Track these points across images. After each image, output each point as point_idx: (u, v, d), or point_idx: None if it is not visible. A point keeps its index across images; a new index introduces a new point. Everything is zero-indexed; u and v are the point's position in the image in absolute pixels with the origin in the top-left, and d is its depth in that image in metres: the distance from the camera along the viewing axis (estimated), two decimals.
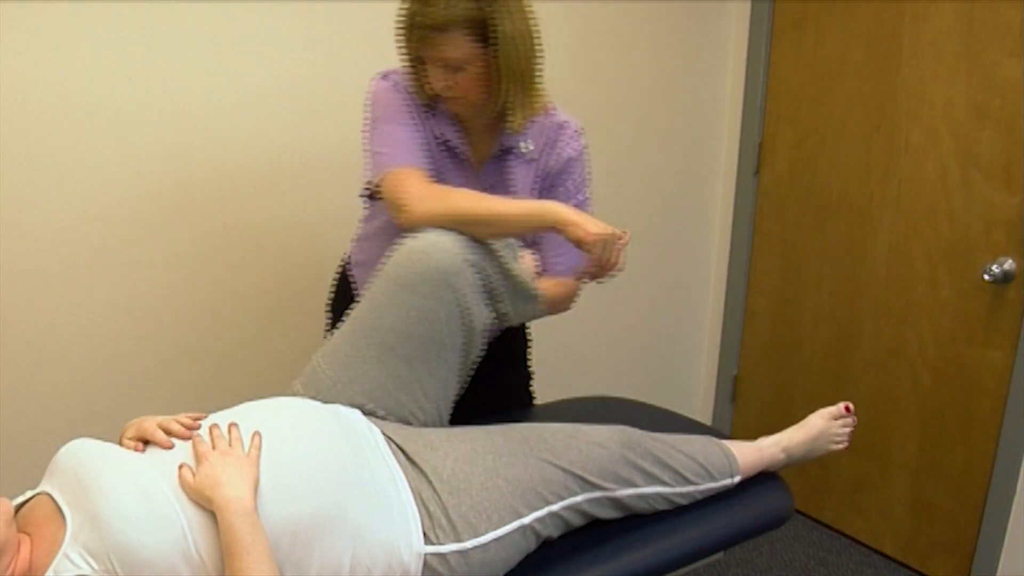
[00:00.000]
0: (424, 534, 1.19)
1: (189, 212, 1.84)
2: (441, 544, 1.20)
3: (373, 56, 1.99)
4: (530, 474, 1.29)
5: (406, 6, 1.33)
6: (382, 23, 2.03)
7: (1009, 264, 2.04)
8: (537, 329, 2.45)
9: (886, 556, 2.46)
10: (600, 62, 2.36)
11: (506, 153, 1.50)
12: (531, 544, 1.29)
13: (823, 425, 1.60)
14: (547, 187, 1.55)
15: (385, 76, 1.48)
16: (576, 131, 1.56)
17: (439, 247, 1.30)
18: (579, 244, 1.29)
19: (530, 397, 1.89)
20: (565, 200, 1.50)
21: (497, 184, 1.52)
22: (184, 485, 1.10)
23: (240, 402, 1.29)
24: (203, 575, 1.06)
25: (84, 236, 1.74)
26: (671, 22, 2.46)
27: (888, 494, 2.42)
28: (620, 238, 1.30)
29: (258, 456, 1.14)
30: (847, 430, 1.61)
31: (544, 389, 2.34)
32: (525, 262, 1.48)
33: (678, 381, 2.89)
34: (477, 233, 1.34)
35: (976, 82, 2.06)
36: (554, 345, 2.53)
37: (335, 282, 1.73)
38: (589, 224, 1.28)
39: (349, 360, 1.35)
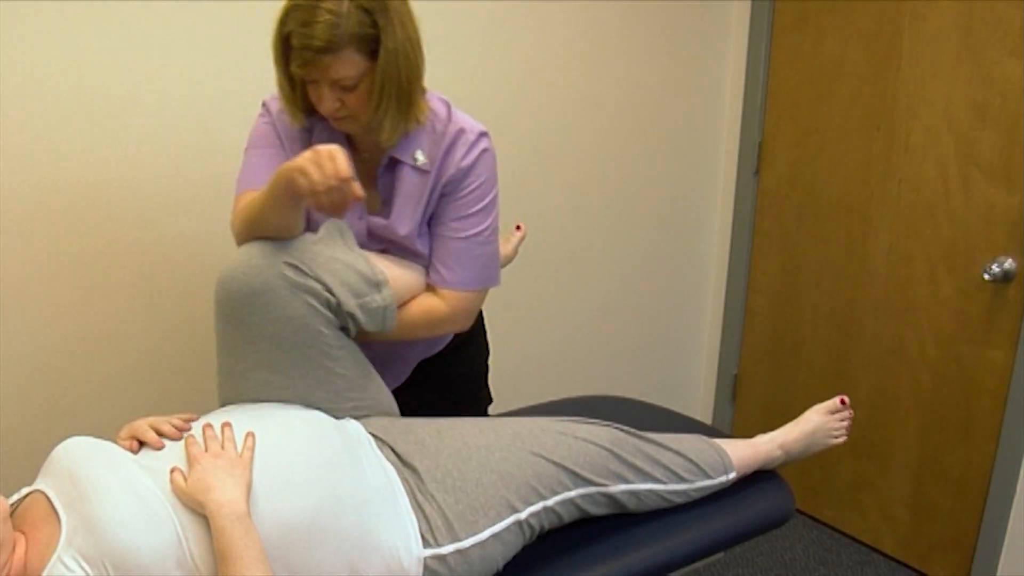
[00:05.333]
0: (423, 537, 1.19)
1: (188, 214, 1.85)
2: (440, 546, 1.19)
3: None
4: (523, 469, 1.30)
5: (279, 28, 1.22)
6: None
7: (1009, 263, 2.05)
8: (537, 328, 2.46)
9: (886, 556, 2.46)
10: (599, 62, 2.36)
11: (396, 164, 1.40)
12: (527, 538, 1.29)
13: (819, 420, 1.59)
14: (442, 195, 1.41)
15: (264, 106, 1.42)
16: (475, 138, 1.40)
17: (245, 270, 1.25)
18: (309, 195, 1.17)
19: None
20: (456, 213, 1.40)
21: (389, 197, 1.42)
22: (176, 490, 1.10)
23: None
24: None
25: (85, 237, 1.75)
26: (671, 22, 2.46)
27: (888, 494, 2.43)
28: (348, 186, 1.16)
29: (251, 458, 1.14)
30: (844, 423, 1.60)
31: (544, 388, 2.35)
32: (375, 260, 1.38)
33: (678, 381, 2.89)
34: (268, 233, 1.26)
35: (976, 82, 2.06)
36: (554, 344, 2.53)
37: None
38: (314, 172, 1.14)
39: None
